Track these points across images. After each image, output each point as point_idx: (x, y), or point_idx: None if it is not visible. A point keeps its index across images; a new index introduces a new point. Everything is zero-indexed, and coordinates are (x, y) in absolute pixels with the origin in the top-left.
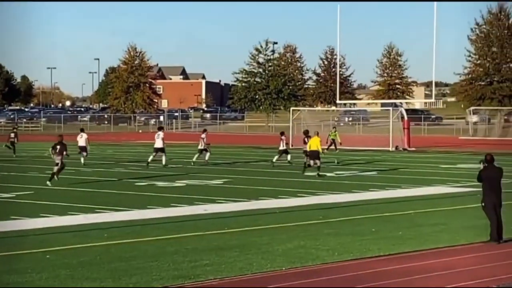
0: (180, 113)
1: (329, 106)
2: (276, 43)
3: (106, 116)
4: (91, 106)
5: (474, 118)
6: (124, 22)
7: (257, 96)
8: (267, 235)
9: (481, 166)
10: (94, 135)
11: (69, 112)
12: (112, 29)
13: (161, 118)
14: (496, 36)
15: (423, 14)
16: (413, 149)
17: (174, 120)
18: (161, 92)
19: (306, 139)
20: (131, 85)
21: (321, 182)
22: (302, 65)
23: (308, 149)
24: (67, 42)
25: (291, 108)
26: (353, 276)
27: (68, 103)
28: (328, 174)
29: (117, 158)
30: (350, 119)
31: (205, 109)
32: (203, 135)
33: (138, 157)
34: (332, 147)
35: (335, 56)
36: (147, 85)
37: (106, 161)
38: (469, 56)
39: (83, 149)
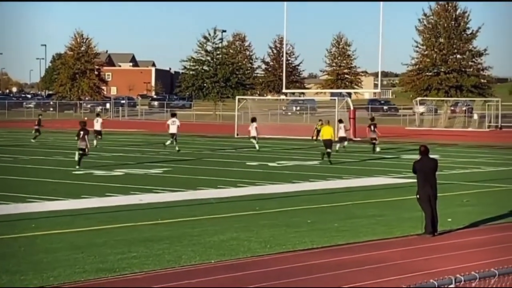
0: (127, 101)
1: (278, 95)
2: (224, 31)
3: (51, 103)
4: (38, 92)
5: (421, 109)
6: (73, 7)
7: (205, 85)
8: (200, 226)
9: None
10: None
11: (14, 98)
12: (60, 15)
13: (107, 105)
14: (443, 27)
15: (373, 4)
16: (359, 139)
17: (120, 108)
18: (110, 79)
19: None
20: (77, 71)
21: (263, 172)
22: (251, 53)
23: (321, 138)
24: (14, 27)
25: (237, 97)
26: (282, 270)
27: (14, 89)
28: (270, 164)
29: (57, 145)
30: (298, 108)
31: (154, 96)
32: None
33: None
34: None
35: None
36: (94, 72)
37: (46, 148)
38: (417, 46)
39: (98, 132)
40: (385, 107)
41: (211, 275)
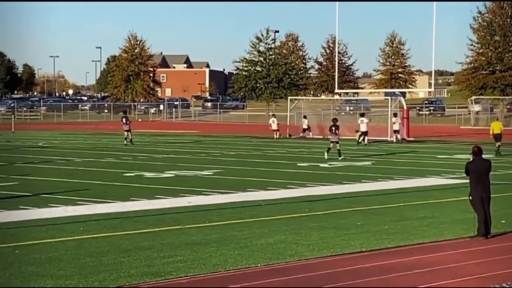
0: (181, 102)
1: (331, 95)
2: (277, 31)
3: (106, 105)
4: (94, 94)
5: (476, 108)
6: (128, 10)
7: (257, 85)
8: (248, 229)
9: (471, 157)
10: (93, 124)
11: (69, 101)
12: (115, 17)
13: (161, 107)
14: (498, 24)
15: (427, 3)
16: (412, 139)
17: (174, 109)
18: (165, 80)
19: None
20: (131, 73)
21: (313, 173)
22: (304, 54)
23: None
24: (70, 29)
25: (289, 97)
26: (329, 274)
27: (70, 91)
28: (321, 165)
29: (110, 147)
30: (351, 108)
31: (208, 98)
32: None
33: (132, 147)
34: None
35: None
36: (148, 74)
37: (99, 150)
38: (471, 45)
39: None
40: (431, 107)
41: (257, 280)
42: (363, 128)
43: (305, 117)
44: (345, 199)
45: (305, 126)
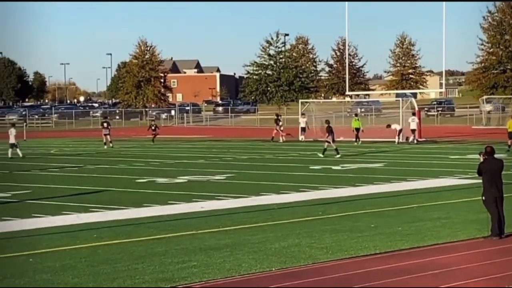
0: (192, 107)
1: (343, 97)
2: (287, 35)
3: (117, 111)
4: (105, 101)
5: (488, 107)
6: (138, 15)
7: (268, 89)
8: (262, 233)
9: (481, 158)
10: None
11: (80, 108)
12: (125, 23)
13: (173, 112)
14: (508, 24)
15: (436, 4)
16: (424, 139)
17: (185, 114)
18: (175, 86)
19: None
20: (142, 79)
21: (326, 176)
22: (314, 56)
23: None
24: (80, 36)
25: (300, 100)
26: (343, 277)
27: (82, 98)
28: (334, 167)
29: (123, 153)
30: (363, 110)
31: (219, 102)
32: None
33: (143, 153)
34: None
35: (348, 47)
36: (158, 79)
37: (110, 157)
38: (482, 44)
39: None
40: (439, 108)
41: (271, 284)
42: (413, 126)
43: (303, 114)
44: (358, 201)
45: (303, 125)
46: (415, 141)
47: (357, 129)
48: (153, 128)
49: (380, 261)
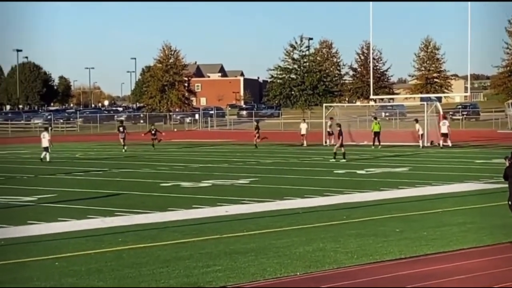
0: (216, 111)
1: (367, 101)
2: (311, 38)
3: (141, 115)
4: (130, 105)
5: None
6: (162, 20)
7: (292, 93)
8: (286, 237)
9: (507, 162)
10: (129, 134)
11: (105, 112)
12: (149, 28)
13: (197, 116)
14: None
15: (462, 6)
16: (451, 144)
17: (209, 118)
18: (199, 90)
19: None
20: (166, 84)
21: (350, 180)
22: (338, 60)
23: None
24: (106, 41)
25: (324, 104)
26: (368, 281)
27: (106, 102)
28: (358, 172)
29: (147, 157)
30: (387, 114)
31: (243, 106)
32: None
33: (167, 157)
34: (376, 142)
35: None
36: (182, 83)
37: (135, 161)
38: (507, 48)
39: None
40: (464, 112)
41: None
42: (444, 130)
43: (331, 118)
44: (383, 206)
45: (329, 129)
46: (441, 146)
47: (377, 133)
48: (152, 132)
49: (406, 265)
